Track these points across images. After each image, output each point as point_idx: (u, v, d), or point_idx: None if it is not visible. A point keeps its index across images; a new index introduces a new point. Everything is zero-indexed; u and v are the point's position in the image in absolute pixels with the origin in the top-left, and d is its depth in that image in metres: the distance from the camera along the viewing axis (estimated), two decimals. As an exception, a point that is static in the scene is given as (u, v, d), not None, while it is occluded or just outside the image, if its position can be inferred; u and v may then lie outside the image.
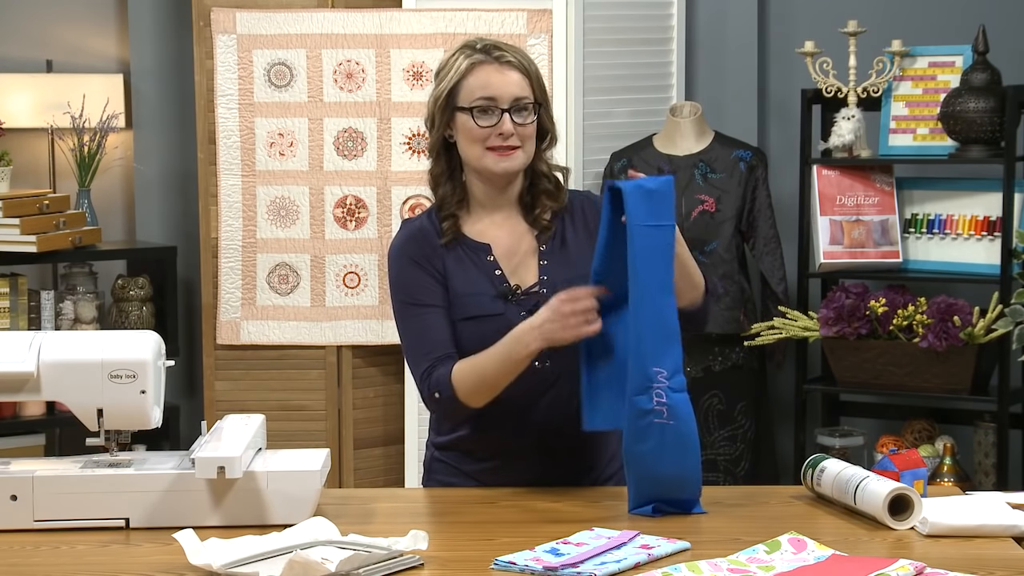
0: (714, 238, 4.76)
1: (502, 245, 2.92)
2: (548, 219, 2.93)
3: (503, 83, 2.85)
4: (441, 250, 2.91)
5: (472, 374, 2.80)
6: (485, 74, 2.85)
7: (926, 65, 4.81)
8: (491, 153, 2.86)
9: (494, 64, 2.86)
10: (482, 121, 2.84)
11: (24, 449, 4.84)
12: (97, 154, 5.02)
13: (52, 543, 2.56)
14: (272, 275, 4.84)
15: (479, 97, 2.84)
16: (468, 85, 2.85)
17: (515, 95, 2.85)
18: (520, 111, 2.85)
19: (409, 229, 2.96)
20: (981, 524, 2.54)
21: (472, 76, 2.86)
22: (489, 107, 2.84)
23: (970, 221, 4.73)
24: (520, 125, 2.85)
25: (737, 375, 4.81)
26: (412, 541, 2.41)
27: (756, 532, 2.54)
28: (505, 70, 2.85)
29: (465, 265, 2.90)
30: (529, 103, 2.86)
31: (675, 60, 5.07)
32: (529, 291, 2.90)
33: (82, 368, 2.66)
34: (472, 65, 2.86)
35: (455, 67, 2.87)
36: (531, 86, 2.87)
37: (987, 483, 4.68)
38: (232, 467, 2.56)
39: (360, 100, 4.78)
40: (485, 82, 2.85)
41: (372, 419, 4.89)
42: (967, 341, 4.50)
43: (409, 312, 2.90)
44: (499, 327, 2.84)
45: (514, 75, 2.86)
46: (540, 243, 2.93)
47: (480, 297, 2.88)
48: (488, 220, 2.93)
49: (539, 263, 2.92)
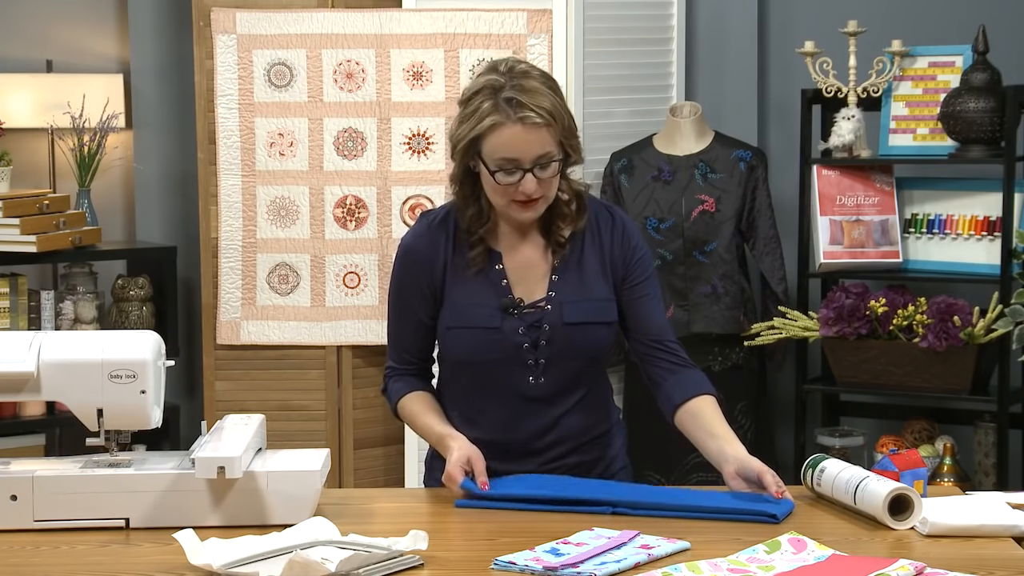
0: (714, 238, 4.76)
1: (515, 256, 2.90)
2: (565, 237, 2.90)
3: (526, 146, 2.76)
4: (448, 257, 2.89)
5: (408, 418, 2.99)
6: (509, 137, 2.76)
7: (926, 65, 4.80)
8: (514, 204, 2.81)
9: (517, 126, 2.75)
10: (504, 180, 2.78)
11: (24, 449, 4.84)
12: (97, 154, 5.02)
13: (52, 543, 2.56)
14: (272, 275, 4.84)
15: (501, 158, 2.77)
16: (490, 143, 2.77)
17: (537, 155, 2.76)
18: (543, 167, 2.78)
19: (424, 226, 2.93)
20: (981, 524, 2.54)
21: (495, 136, 2.76)
22: (511, 168, 2.77)
23: (970, 221, 4.73)
24: (542, 181, 2.79)
25: (737, 375, 4.81)
26: (412, 541, 2.41)
27: (756, 532, 2.54)
28: (528, 132, 2.75)
29: (471, 272, 2.88)
30: (552, 159, 2.78)
31: (675, 60, 5.07)
32: (535, 305, 2.88)
33: (82, 368, 2.65)
34: (495, 125, 2.76)
35: (478, 114, 2.77)
36: (554, 136, 2.78)
37: (987, 483, 4.68)
38: (232, 467, 2.56)
39: (360, 100, 4.78)
40: (508, 144, 2.76)
41: (372, 419, 4.89)
42: (967, 341, 4.50)
43: (393, 308, 2.98)
44: (494, 339, 2.85)
45: (539, 134, 2.76)
46: (555, 259, 2.90)
47: (480, 308, 2.87)
48: (508, 234, 2.91)
49: (550, 278, 2.89)
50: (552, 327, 2.87)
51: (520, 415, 2.88)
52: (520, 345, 2.86)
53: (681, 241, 4.76)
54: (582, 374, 2.92)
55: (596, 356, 2.93)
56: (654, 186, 4.79)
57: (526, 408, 2.89)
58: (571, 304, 2.87)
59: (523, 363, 2.87)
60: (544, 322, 2.87)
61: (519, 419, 2.88)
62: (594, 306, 2.89)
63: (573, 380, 2.91)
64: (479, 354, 2.87)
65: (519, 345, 2.86)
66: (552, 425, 2.90)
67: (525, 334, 2.87)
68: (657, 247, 4.74)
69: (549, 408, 2.90)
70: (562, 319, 2.87)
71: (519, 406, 2.89)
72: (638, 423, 4.49)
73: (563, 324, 2.87)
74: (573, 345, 2.88)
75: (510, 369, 2.87)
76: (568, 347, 2.88)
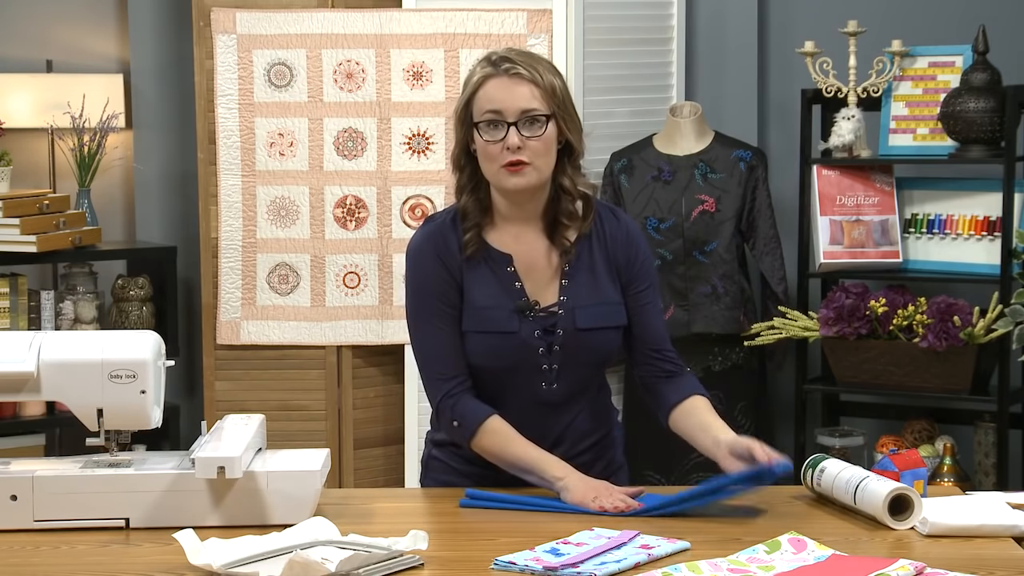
0: (714, 238, 4.76)
1: (524, 258, 2.87)
2: (571, 239, 2.88)
3: (509, 96, 2.78)
4: (460, 257, 2.86)
5: (496, 448, 2.83)
6: (493, 88, 2.79)
7: (926, 65, 4.80)
8: (504, 170, 2.79)
9: (502, 77, 2.79)
10: (488, 135, 2.78)
11: (24, 449, 4.84)
12: (97, 154, 5.02)
13: (52, 543, 2.56)
14: (272, 275, 4.84)
15: (486, 111, 2.79)
16: (478, 99, 2.80)
17: (522, 108, 2.78)
18: (530, 124, 2.78)
19: (431, 227, 2.90)
20: (981, 524, 2.54)
21: (482, 90, 2.80)
22: (496, 120, 2.78)
23: (970, 221, 4.73)
24: (529, 138, 2.78)
25: (737, 375, 4.81)
26: (412, 541, 2.41)
27: (756, 532, 2.54)
28: (513, 83, 2.78)
29: (485, 275, 2.85)
30: (540, 115, 2.78)
31: (675, 60, 5.07)
32: (548, 309, 2.86)
33: (82, 368, 2.66)
34: (483, 79, 2.80)
35: (471, 80, 2.83)
36: (543, 97, 2.79)
37: (987, 483, 4.68)
38: (232, 467, 2.56)
39: (360, 100, 4.78)
40: (492, 96, 2.79)
41: (372, 419, 4.89)
42: (967, 341, 4.50)
43: (422, 319, 2.86)
44: (511, 344, 2.83)
45: (522, 88, 2.78)
46: (564, 262, 2.88)
47: (497, 312, 2.84)
48: (511, 232, 2.88)
49: (560, 283, 2.87)
50: (565, 332, 2.85)
51: (529, 420, 2.86)
52: (536, 349, 2.84)
53: (681, 241, 4.76)
54: (589, 378, 2.92)
55: (605, 360, 2.92)
56: (654, 186, 4.79)
57: (536, 413, 2.87)
58: (583, 309, 2.86)
59: (538, 368, 2.85)
60: (558, 327, 2.85)
61: (528, 424, 2.86)
62: (605, 310, 2.87)
63: (582, 384, 2.90)
64: (496, 359, 2.84)
65: (535, 349, 2.84)
66: (560, 430, 2.90)
67: (541, 338, 2.84)
68: (657, 247, 4.74)
69: (558, 413, 2.89)
70: (575, 324, 2.85)
71: (530, 412, 2.86)
72: (637, 423, 4.49)
73: (576, 329, 2.85)
74: (585, 350, 2.86)
75: (525, 374, 2.85)
76: (580, 352, 2.86)
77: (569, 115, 2.84)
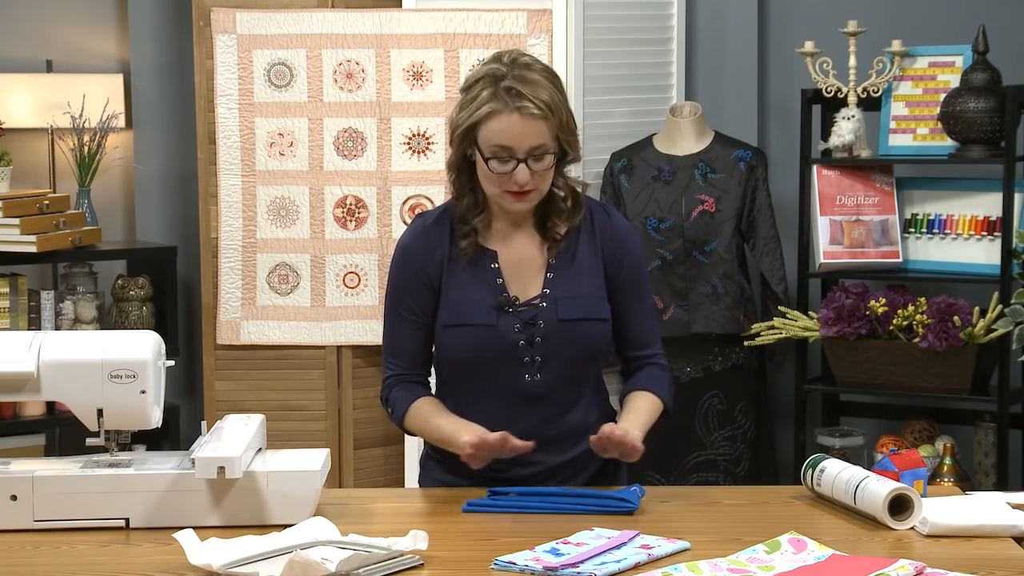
0: (714, 238, 4.76)
1: (510, 254, 2.92)
2: (561, 233, 2.91)
3: (521, 135, 2.78)
4: (444, 254, 2.90)
5: (419, 424, 2.93)
6: (505, 124, 2.79)
7: (926, 65, 4.80)
8: (507, 194, 2.83)
9: (514, 115, 2.78)
10: (498, 168, 2.81)
11: (24, 449, 4.84)
12: (97, 154, 5.02)
13: (52, 543, 2.56)
14: (272, 275, 4.84)
15: (496, 145, 2.79)
16: (487, 130, 2.80)
17: (532, 145, 2.79)
18: (537, 159, 2.80)
19: (420, 226, 2.95)
20: (981, 524, 2.54)
21: (492, 123, 2.79)
22: (505, 156, 2.80)
23: (970, 221, 4.72)
24: (536, 172, 2.81)
25: (737, 375, 4.81)
26: (412, 541, 2.41)
27: (756, 532, 2.54)
28: (525, 122, 2.78)
29: (467, 270, 2.90)
30: (547, 152, 2.81)
31: (675, 60, 5.06)
32: (529, 303, 2.90)
33: (82, 368, 2.66)
34: (492, 112, 2.79)
35: (477, 101, 2.81)
36: (551, 130, 2.80)
37: (987, 483, 4.68)
38: (232, 467, 2.56)
39: (360, 100, 4.78)
40: (503, 132, 2.79)
41: (372, 419, 4.89)
42: (967, 341, 4.50)
43: (392, 312, 2.96)
44: (489, 337, 2.86)
45: (535, 125, 2.79)
46: (550, 256, 2.92)
47: (475, 306, 2.88)
48: (502, 229, 2.92)
49: (545, 275, 2.91)
50: (547, 324, 2.88)
51: (518, 413, 2.89)
52: (516, 342, 2.88)
53: (681, 241, 4.76)
54: (579, 372, 2.93)
55: (592, 353, 2.94)
56: (654, 186, 4.79)
57: (524, 405, 2.90)
58: (565, 300, 2.88)
59: (519, 360, 2.88)
60: (539, 319, 2.88)
61: (517, 417, 2.88)
62: (589, 302, 2.90)
63: (570, 378, 2.92)
64: (476, 352, 2.88)
65: (515, 342, 2.88)
66: (550, 423, 2.91)
67: (521, 331, 2.88)
68: (657, 247, 4.74)
69: (543, 406, 2.90)
70: (557, 315, 2.88)
71: (517, 404, 2.89)
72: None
73: (558, 320, 2.88)
74: (568, 341, 2.89)
75: (507, 367, 2.88)
76: (564, 343, 2.89)
77: (569, 129, 2.86)
